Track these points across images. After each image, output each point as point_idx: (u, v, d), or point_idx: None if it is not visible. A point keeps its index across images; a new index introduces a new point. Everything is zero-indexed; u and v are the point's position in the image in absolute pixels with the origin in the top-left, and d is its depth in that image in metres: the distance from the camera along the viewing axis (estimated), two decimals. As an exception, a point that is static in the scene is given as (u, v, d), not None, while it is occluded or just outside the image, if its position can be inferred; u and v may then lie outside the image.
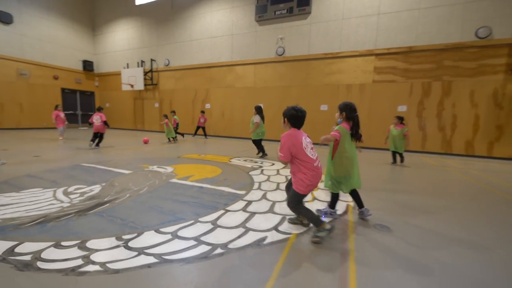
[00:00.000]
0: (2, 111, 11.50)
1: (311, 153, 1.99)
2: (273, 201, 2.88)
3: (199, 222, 2.23)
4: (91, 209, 2.48)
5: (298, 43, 9.80)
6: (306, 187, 1.96)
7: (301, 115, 2.02)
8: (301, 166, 1.96)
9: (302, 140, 1.96)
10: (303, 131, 2.11)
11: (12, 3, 11.60)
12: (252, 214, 2.47)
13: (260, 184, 3.64)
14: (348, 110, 2.39)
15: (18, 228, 2.03)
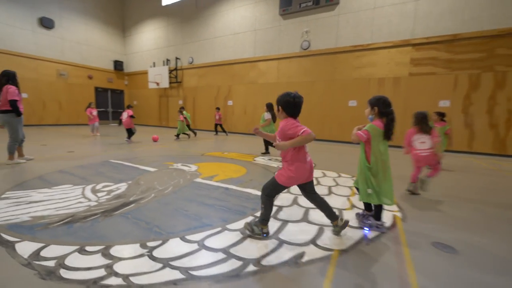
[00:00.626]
0: (44, 108, 12.46)
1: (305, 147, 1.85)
2: (306, 207, 2.61)
3: (226, 230, 2.05)
4: (117, 209, 2.42)
5: (325, 36, 9.29)
6: (288, 178, 1.82)
7: (297, 101, 1.79)
8: (300, 154, 1.80)
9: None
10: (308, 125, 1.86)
11: (54, 10, 12.47)
12: (285, 222, 2.23)
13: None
14: (382, 105, 2.06)
15: (46, 228, 2.00)
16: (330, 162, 5.20)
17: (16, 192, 2.79)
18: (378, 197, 2.06)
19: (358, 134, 2.05)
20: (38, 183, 3.16)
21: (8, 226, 2.00)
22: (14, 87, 4.03)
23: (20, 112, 4.10)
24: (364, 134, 2.04)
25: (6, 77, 4.06)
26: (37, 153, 5.14)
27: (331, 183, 3.60)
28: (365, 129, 2.07)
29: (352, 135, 2.11)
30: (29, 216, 2.19)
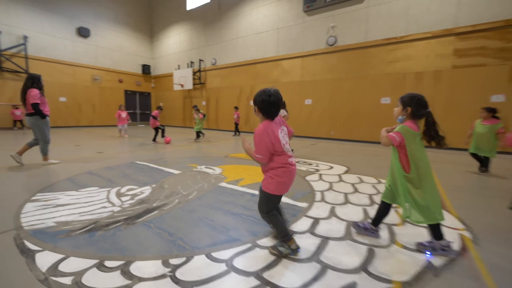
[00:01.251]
0: (80, 111, 13.30)
1: (287, 148, 1.65)
2: (346, 220, 2.28)
3: (257, 247, 1.80)
4: (140, 216, 2.28)
5: (353, 30, 8.71)
6: (278, 185, 1.63)
7: (273, 100, 1.56)
8: (280, 159, 1.62)
9: (278, 133, 1.59)
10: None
11: (90, 19, 13.34)
12: (324, 240, 1.92)
13: (323, 194, 3.06)
14: (416, 105, 1.70)
15: (68, 236, 1.90)
16: (365, 166, 4.74)
17: (46, 194, 2.79)
18: (428, 214, 1.68)
19: (391, 137, 1.70)
20: (67, 185, 3.17)
21: (33, 232, 1.94)
22: (36, 90, 4.02)
23: (43, 114, 4.09)
24: (397, 137, 1.68)
25: (31, 81, 4.08)
26: (70, 154, 5.33)
27: (372, 191, 3.20)
28: (397, 131, 1.70)
29: (382, 137, 1.78)
30: (54, 221, 2.13)
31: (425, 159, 1.71)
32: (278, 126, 1.61)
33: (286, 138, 1.68)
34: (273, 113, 1.58)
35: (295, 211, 2.51)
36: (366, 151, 6.61)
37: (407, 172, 1.72)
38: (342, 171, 4.31)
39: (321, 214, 2.44)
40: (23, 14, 11.19)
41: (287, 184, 1.65)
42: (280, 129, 1.62)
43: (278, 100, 1.56)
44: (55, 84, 12.23)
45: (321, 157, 5.57)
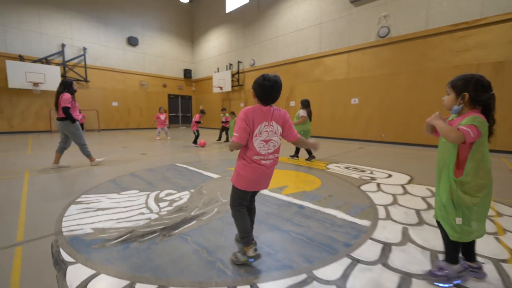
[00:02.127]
0: (129, 114, 14.39)
1: (261, 145, 1.50)
2: (430, 249, 1.72)
3: (315, 281, 1.39)
4: (177, 227, 2.06)
5: (410, 18, 7.65)
6: (239, 178, 1.55)
7: (266, 84, 1.46)
8: (247, 153, 1.53)
9: (261, 123, 1.48)
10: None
11: (138, 29, 14.41)
12: (405, 276, 1.43)
13: (387, 209, 2.50)
14: (474, 88, 1.29)
15: (103, 246, 1.75)
16: (432, 175, 3.94)
17: (90, 196, 2.79)
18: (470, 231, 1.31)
19: (464, 131, 1.22)
20: (110, 186, 3.17)
21: (70, 239, 1.84)
22: (68, 94, 4.02)
23: (74, 118, 4.06)
24: (472, 132, 1.21)
25: (63, 86, 4.10)
26: (118, 155, 5.59)
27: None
28: (471, 123, 1.24)
29: (446, 131, 1.28)
30: (92, 228, 2.02)
31: (489, 158, 1.31)
32: (265, 118, 1.48)
33: (273, 137, 1.52)
34: (266, 98, 1.48)
35: (356, 231, 2.03)
36: (427, 157, 5.62)
37: (458, 175, 1.32)
38: (405, 180, 3.62)
39: (392, 237, 1.91)
40: (82, 28, 12.50)
41: (251, 182, 1.53)
42: (266, 123, 1.48)
43: (274, 85, 1.46)
44: (108, 90, 13.43)
45: (374, 163, 4.85)
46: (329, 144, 8.17)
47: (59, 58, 11.82)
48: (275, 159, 1.58)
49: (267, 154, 1.52)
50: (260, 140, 1.48)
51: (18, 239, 1.84)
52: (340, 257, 1.64)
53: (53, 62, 11.60)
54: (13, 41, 10.70)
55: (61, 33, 11.87)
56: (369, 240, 1.88)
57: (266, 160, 1.52)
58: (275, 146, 1.54)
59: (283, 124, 1.55)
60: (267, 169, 1.54)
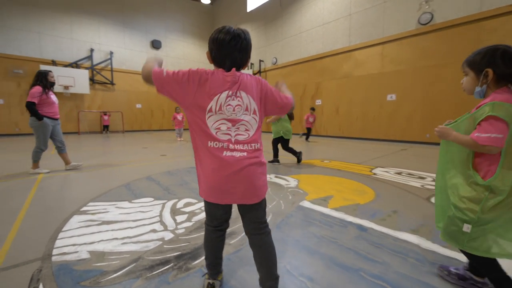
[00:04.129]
0: (152, 116, 14.53)
1: (222, 127, 0.97)
2: None
3: None
4: (197, 255, 1.52)
5: (459, 0, 6.65)
6: (200, 185, 1.04)
7: (223, 38, 0.98)
8: (197, 140, 1.01)
9: (219, 92, 0.95)
10: None
11: (161, 32, 14.57)
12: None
13: None
14: (498, 62, 0.98)
15: (95, 284, 1.25)
16: None
17: (97, 204, 2.37)
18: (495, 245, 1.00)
19: (481, 140, 0.95)
20: (123, 192, 2.74)
21: (57, 268, 1.37)
22: (38, 87, 3.41)
23: (39, 115, 3.39)
24: (498, 132, 0.93)
25: (36, 77, 3.50)
26: (137, 156, 5.28)
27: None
28: (496, 115, 0.93)
29: (469, 144, 1.01)
30: (89, 250, 1.55)
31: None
32: (226, 85, 0.96)
33: (243, 116, 0.99)
34: (223, 58, 1.00)
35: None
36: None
37: (483, 178, 1.01)
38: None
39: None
40: (109, 33, 12.86)
41: (210, 187, 0.98)
42: (230, 92, 0.96)
43: (234, 41, 0.97)
44: (133, 93, 13.66)
45: (429, 168, 4.03)
46: (362, 145, 7.33)
47: (87, 62, 12.23)
48: (252, 153, 0.98)
49: (234, 142, 0.97)
50: (220, 119, 0.96)
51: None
52: None
53: (82, 66, 12.02)
54: (47, 47, 11.18)
55: (90, 38, 12.28)
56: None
57: (232, 151, 0.96)
58: (248, 131, 0.99)
59: (260, 95, 1.03)
60: (236, 167, 0.94)
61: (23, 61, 10.54)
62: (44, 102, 3.48)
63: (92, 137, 10.09)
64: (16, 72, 10.42)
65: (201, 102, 0.95)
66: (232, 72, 0.97)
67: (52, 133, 3.66)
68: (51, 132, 3.62)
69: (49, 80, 3.56)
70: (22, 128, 10.62)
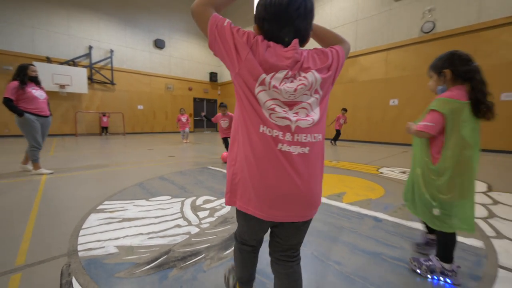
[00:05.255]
0: (154, 118, 14.30)
1: (276, 108, 0.69)
2: None
3: None
4: (227, 246, 1.53)
5: (459, 10, 6.81)
6: (241, 189, 0.75)
7: (276, 2, 0.70)
8: (243, 123, 0.73)
9: (276, 69, 0.69)
10: None
11: (165, 31, 14.33)
12: None
13: (490, 224, 1.88)
14: (453, 63, 1.19)
15: (131, 275, 1.25)
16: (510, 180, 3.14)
17: (113, 203, 2.35)
18: (448, 221, 1.18)
19: (421, 128, 1.19)
20: (138, 191, 2.73)
21: (86, 263, 1.36)
22: (14, 82, 3.18)
23: (19, 110, 3.17)
24: (430, 121, 1.16)
25: (16, 71, 3.26)
26: (144, 157, 5.26)
27: None
28: (434, 108, 1.17)
29: (411, 131, 1.27)
30: (116, 245, 1.55)
31: (473, 145, 1.11)
32: (285, 63, 0.70)
33: (305, 98, 0.72)
34: (280, 28, 0.73)
35: (470, 254, 1.47)
36: (491, 162, 4.69)
37: (433, 163, 1.21)
38: (484, 188, 2.91)
39: None
40: (110, 30, 12.50)
41: (261, 196, 0.70)
42: (288, 72, 0.70)
43: (290, 2, 0.70)
44: (134, 93, 13.39)
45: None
46: (367, 148, 7.37)
47: (86, 60, 11.77)
48: (315, 145, 0.72)
49: (295, 131, 0.70)
50: (275, 98, 0.70)
51: (17, 263, 1.37)
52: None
53: (80, 64, 11.51)
54: (41, 43, 10.54)
55: (89, 35, 11.81)
56: (501, 269, 1.32)
57: (290, 144, 0.69)
58: (310, 116, 0.72)
59: (330, 67, 0.76)
60: (296, 165, 0.69)
61: (15, 57, 9.83)
62: (22, 98, 3.23)
63: (90, 139, 9.76)
64: (6, 68, 9.71)
65: (252, 69, 0.70)
66: (293, 45, 0.71)
67: None
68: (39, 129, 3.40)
69: (28, 74, 3.28)
70: (12, 129, 9.89)
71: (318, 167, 0.74)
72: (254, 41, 0.70)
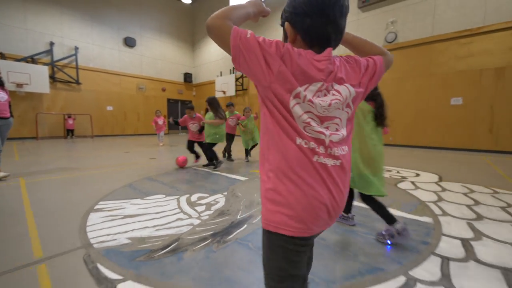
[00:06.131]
0: (125, 119, 13.64)
1: (310, 120, 0.65)
2: (504, 267, 1.44)
3: (418, 283, 1.23)
4: (229, 232, 1.77)
5: (417, 24, 7.77)
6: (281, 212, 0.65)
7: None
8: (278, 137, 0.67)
9: (310, 81, 0.64)
10: None
11: (136, 29, 13.79)
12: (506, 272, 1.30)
13: (438, 206, 2.40)
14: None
15: (150, 258, 1.43)
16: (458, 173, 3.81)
17: (109, 203, 2.44)
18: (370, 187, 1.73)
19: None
20: (129, 192, 2.82)
21: (105, 252, 1.51)
22: None
23: None
24: None
25: None
26: (123, 159, 5.19)
27: (499, 203, 2.41)
28: None
29: None
30: (127, 237, 1.70)
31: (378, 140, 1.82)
32: (319, 74, 0.65)
33: (338, 113, 0.69)
34: (318, 30, 0.67)
35: (423, 228, 1.92)
36: (440, 158, 5.53)
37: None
38: (436, 179, 3.52)
39: (464, 233, 1.81)
40: (74, 26, 11.69)
41: (302, 211, 0.64)
42: (323, 85, 0.66)
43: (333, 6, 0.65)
44: (102, 94, 12.64)
45: (394, 163, 4.70)
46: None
47: (47, 57, 10.86)
48: (345, 157, 0.70)
49: (328, 145, 0.66)
50: (309, 111, 0.65)
51: (36, 255, 1.47)
52: (426, 256, 1.50)
53: (40, 62, 10.59)
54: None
55: (50, 30, 10.94)
56: (443, 236, 1.77)
57: (324, 157, 0.66)
58: (340, 130, 0.70)
59: (362, 79, 0.73)
60: (333, 176, 0.67)
61: (-41, 52, 8.72)
62: None
63: (55, 143, 9.08)
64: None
65: (285, 82, 0.64)
66: (327, 54, 0.66)
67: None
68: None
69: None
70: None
71: (348, 178, 0.72)
72: (284, 50, 0.64)
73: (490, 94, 6.59)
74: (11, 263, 1.38)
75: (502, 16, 6.40)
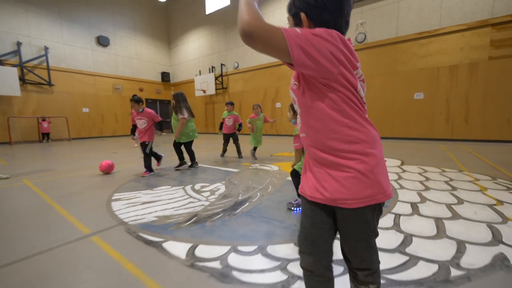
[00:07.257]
0: (103, 121, 13.31)
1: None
2: (436, 217, 2.13)
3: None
4: (235, 208, 2.22)
5: (383, 26, 8.62)
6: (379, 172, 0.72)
7: None
8: (356, 113, 0.73)
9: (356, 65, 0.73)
10: None
11: (109, 28, 13.42)
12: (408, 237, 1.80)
13: (398, 183, 2.98)
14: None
15: (179, 228, 1.84)
16: (417, 158, 4.57)
17: (123, 194, 2.77)
18: None
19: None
20: (137, 185, 3.15)
21: (141, 226, 1.89)
22: None
23: None
24: None
25: None
26: (115, 159, 5.36)
27: (444, 178, 3.08)
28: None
29: None
30: (154, 216, 2.08)
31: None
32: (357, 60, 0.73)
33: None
34: (338, 18, 0.73)
35: None
36: (404, 146, 6.40)
37: None
38: (398, 163, 4.20)
39: (414, 199, 2.40)
40: (42, 24, 11.16)
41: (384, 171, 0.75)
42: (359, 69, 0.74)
43: None
44: (77, 95, 12.23)
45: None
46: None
47: (14, 58, 10.35)
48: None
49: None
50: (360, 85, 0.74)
51: (86, 232, 1.82)
52: (384, 215, 2.03)
53: (7, 63, 10.10)
54: None
55: (15, 29, 10.37)
56: (398, 202, 2.34)
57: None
58: None
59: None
60: None
61: None
62: None
63: (31, 147, 8.76)
64: None
65: (350, 63, 0.70)
66: (350, 40, 0.71)
67: None
68: None
69: None
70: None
71: None
72: (336, 35, 0.65)
73: (446, 89, 7.60)
74: (67, 237, 1.73)
75: (454, 19, 7.39)
